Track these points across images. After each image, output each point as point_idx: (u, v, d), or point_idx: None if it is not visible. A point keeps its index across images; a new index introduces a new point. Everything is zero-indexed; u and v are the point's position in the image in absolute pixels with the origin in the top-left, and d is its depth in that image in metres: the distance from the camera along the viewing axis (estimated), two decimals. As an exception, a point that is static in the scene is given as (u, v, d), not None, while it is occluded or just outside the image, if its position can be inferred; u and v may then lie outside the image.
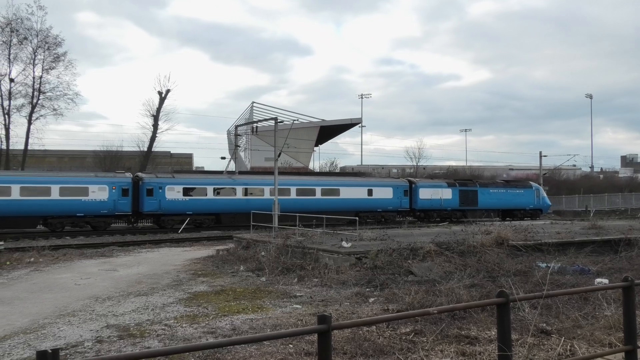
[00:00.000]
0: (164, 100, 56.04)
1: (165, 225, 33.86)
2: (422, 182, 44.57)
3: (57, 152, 67.24)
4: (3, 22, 46.41)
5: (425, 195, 42.74)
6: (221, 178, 38.57)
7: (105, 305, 11.74)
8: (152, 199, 33.20)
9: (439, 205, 43.08)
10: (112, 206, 32.14)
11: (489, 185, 47.99)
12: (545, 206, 49.70)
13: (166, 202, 33.57)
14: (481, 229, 20.45)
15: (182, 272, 16.80)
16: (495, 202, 46.02)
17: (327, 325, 3.58)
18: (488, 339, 8.24)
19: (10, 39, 47.07)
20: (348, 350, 7.74)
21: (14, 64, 47.85)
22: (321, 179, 42.47)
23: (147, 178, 34.09)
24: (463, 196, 44.35)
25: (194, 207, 34.62)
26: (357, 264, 15.52)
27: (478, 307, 9.32)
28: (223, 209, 35.59)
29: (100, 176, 34.15)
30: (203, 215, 35.08)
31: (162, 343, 8.69)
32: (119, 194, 32.40)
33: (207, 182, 35.95)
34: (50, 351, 2.69)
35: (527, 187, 48.99)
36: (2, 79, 47.23)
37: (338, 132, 77.21)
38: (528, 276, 13.43)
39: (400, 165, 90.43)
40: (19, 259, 19.31)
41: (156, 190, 33.33)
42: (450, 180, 47.71)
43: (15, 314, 11.01)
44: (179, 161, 76.91)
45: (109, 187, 32.17)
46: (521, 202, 47.34)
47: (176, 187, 34.05)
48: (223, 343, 5.26)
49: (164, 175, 36.66)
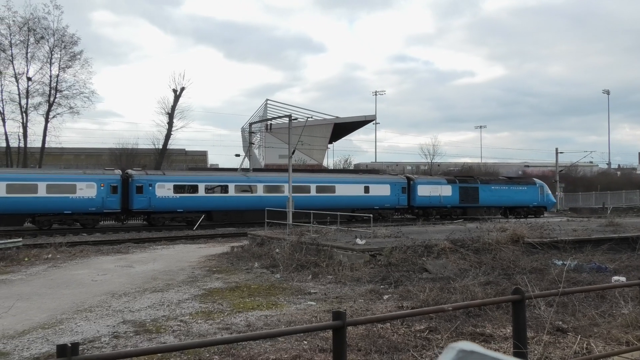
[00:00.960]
0: (179, 98, 56.34)
1: (155, 223, 33.37)
2: (420, 178, 43.76)
3: (73, 149, 67.92)
4: (20, 22, 46.99)
5: (423, 192, 41.78)
6: (212, 175, 38.32)
7: (122, 301, 11.86)
8: (142, 197, 32.72)
9: (438, 202, 42.14)
10: (100, 204, 31.65)
11: (491, 182, 46.77)
12: (549, 203, 48.58)
13: (156, 200, 33.03)
14: (496, 227, 20.32)
15: (197, 268, 16.91)
16: (497, 199, 44.95)
17: (342, 321, 3.60)
18: (503, 336, 8.20)
19: (28, 38, 47.64)
20: (362, 347, 7.75)
21: (31, 62, 48.48)
22: (315, 176, 41.63)
23: (136, 175, 33.60)
24: (463, 193, 43.35)
25: (185, 205, 34.14)
26: (372, 261, 15.52)
27: (493, 304, 9.28)
28: (215, 207, 35.12)
29: (88, 173, 33.59)
30: (194, 212, 34.46)
31: (178, 339, 8.76)
32: (108, 191, 31.93)
33: (198, 179, 35.54)
34: (70, 345, 2.74)
35: (531, 183, 47.98)
36: (20, 78, 47.84)
37: (352, 129, 77.14)
38: (544, 274, 13.34)
39: (414, 162, 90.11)
40: (37, 256, 19.55)
41: (146, 188, 32.84)
42: (450, 177, 46.70)
43: (34, 309, 11.17)
44: (194, 159, 77.29)
45: (97, 184, 31.75)
46: (524, 199, 46.23)
47: (166, 185, 33.60)
48: (239, 338, 5.29)
49: (154, 172, 36.24)
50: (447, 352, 1.46)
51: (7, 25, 46.53)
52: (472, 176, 49.70)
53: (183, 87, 56.53)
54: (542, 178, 75.45)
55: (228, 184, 36.05)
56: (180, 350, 7.27)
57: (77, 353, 2.71)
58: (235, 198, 35.59)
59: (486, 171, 75.02)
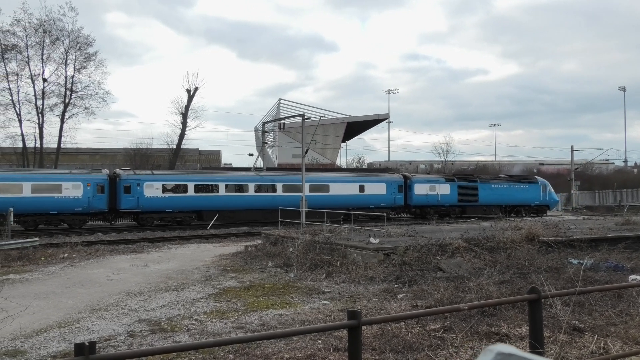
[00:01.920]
0: (193, 98, 56.64)
1: (144, 223, 33.01)
2: (417, 177, 43.03)
3: (89, 150, 68.58)
4: (36, 24, 47.51)
5: (420, 191, 41.04)
6: (202, 174, 37.83)
7: (137, 300, 11.95)
8: (130, 196, 32.31)
9: (436, 201, 41.37)
10: (86, 203, 31.25)
11: (491, 180, 45.85)
12: (552, 202, 47.71)
13: (144, 200, 32.66)
14: (511, 225, 20.17)
15: (212, 267, 16.98)
16: (498, 198, 44.12)
17: (357, 320, 3.59)
18: (519, 336, 8.15)
19: (43, 40, 48.16)
20: (377, 347, 7.74)
21: (47, 64, 49.03)
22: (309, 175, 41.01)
23: (124, 175, 33.19)
24: (462, 192, 42.60)
25: (174, 205, 33.72)
26: (385, 260, 15.48)
27: (509, 303, 9.22)
28: (205, 207, 34.66)
29: (75, 173, 33.34)
30: (184, 212, 34.17)
31: (193, 337, 8.80)
32: (94, 191, 31.56)
33: (187, 178, 35.08)
34: (87, 344, 2.76)
35: (533, 182, 46.95)
36: (35, 79, 48.39)
37: (365, 128, 76.99)
38: (559, 273, 13.22)
39: (428, 161, 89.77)
40: (53, 255, 19.75)
41: (134, 187, 32.48)
42: (449, 175, 45.97)
43: (51, 308, 11.29)
44: (208, 158, 77.63)
45: (84, 184, 31.38)
46: (526, 197, 45.38)
47: (155, 184, 33.21)
48: (254, 337, 5.30)
49: (142, 171, 35.79)
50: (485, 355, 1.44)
51: (23, 27, 47.14)
52: (472, 174, 48.84)
53: (196, 87, 56.87)
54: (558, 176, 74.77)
55: (218, 183, 35.58)
56: (196, 349, 7.31)
57: (94, 352, 2.74)
58: (226, 198, 35.11)
59: (500, 169, 74.49)
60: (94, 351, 2.77)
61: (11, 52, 47.30)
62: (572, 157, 60.02)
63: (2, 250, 19.60)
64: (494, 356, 1.43)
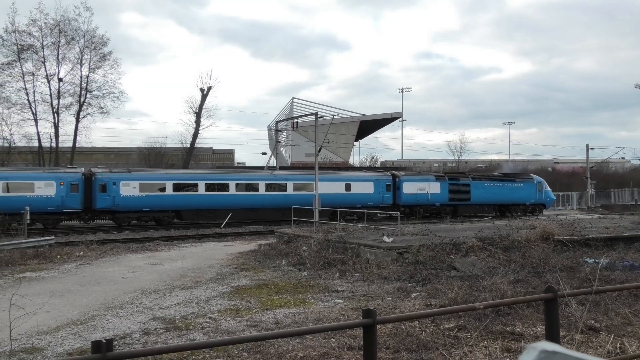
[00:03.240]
0: (206, 97, 56.86)
1: (120, 223, 32.43)
2: (406, 175, 41.97)
3: (103, 149, 69.20)
4: (52, 24, 47.99)
5: (410, 189, 40.04)
6: (182, 173, 37.24)
7: (152, 298, 12.03)
8: (105, 195, 31.67)
9: (426, 200, 40.42)
10: (59, 203, 30.53)
11: (483, 178, 44.71)
12: (548, 201, 46.55)
13: (120, 199, 31.95)
14: (525, 224, 20.05)
15: (225, 266, 17.06)
16: (491, 197, 43.05)
17: (372, 319, 3.59)
18: (534, 335, 8.09)
19: (59, 40, 48.65)
20: (391, 345, 7.72)
21: (62, 64, 49.52)
22: (292, 173, 40.11)
23: (100, 173, 32.61)
24: (453, 190, 41.57)
25: (152, 204, 32.99)
26: (399, 259, 15.45)
27: (525, 302, 9.15)
28: (184, 206, 34.07)
29: (48, 171, 32.81)
30: (161, 212, 33.53)
31: (207, 336, 8.84)
32: (67, 189, 30.90)
33: (165, 177, 34.46)
34: (105, 341, 2.79)
35: (528, 180, 45.89)
36: (51, 79, 48.90)
37: (378, 126, 76.84)
38: (575, 272, 13.10)
39: (441, 160, 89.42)
40: (69, 253, 19.95)
41: (110, 186, 31.86)
42: (439, 174, 44.97)
43: (67, 306, 11.40)
44: (221, 157, 77.92)
45: (57, 182, 30.74)
46: (520, 196, 44.28)
47: (132, 183, 32.51)
48: (269, 336, 5.32)
49: (119, 170, 35.07)
50: (529, 353, 1.42)
51: (39, 27, 47.64)
52: (464, 173, 47.70)
53: (210, 86, 57.04)
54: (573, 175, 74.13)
55: (198, 182, 34.86)
56: (210, 347, 7.35)
57: (111, 349, 2.76)
58: (206, 197, 34.42)
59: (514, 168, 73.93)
60: (111, 349, 2.80)
61: (27, 52, 47.85)
62: (587, 156, 59.46)
63: (18, 248, 19.84)
64: (537, 354, 1.41)
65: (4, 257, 17.92)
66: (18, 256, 18.30)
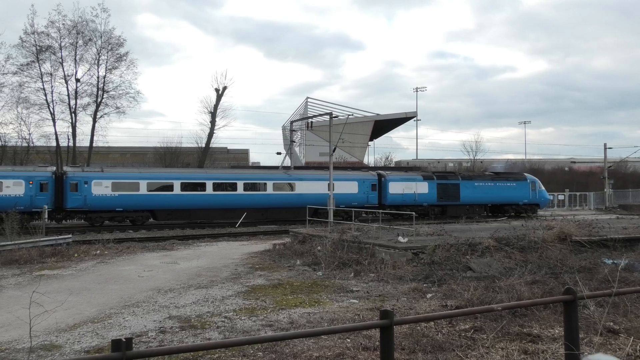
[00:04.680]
0: (221, 97, 57.11)
1: (92, 223, 31.75)
2: (392, 175, 40.73)
3: (120, 148, 69.80)
4: (70, 25, 48.50)
5: (396, 189, 38.97)
6: (155, 172, 36.52)
7: (167, 297, 12.11)
8: (77, 195, 30.93)
9: (413, 200, 39.19)
10: (28, 202, 29.61)
11: (474, 177, 43.48)
12: (542, 201, 45.04)
13: (92, 198, 31.20)
14: (542, 224, 19.85)
15: (240, 265, 17.11)
16: (481, 197, 41.81)
17: (389, 320, 3.57)
18: (551, 337, 8.01)
19: (77, 41, 49.14)
20: (406, 346, 7.69)
21: (80, 64, 50.02)
22: (271, 173, 39.16)
23: (71, 172, 31.99)
24: (442, 190, 40.38)
25: (125, 203, 32.13)
26: (414, 259, 15.38)
27: (544, 304, 9.06)
28: (159, 205, 33.20)
29: (17, 170, 32.12)
30: (135, 212, 32.78)
31: (223, 335, 8.87)
32: (37, 189, 30.17)
33: (139, 176, 33.51)
34: (124, 340, 2.80)
35: (521, 179, 44.51)
36: (69, 80, 49.42)
37: (392, 126, 76.65)
38: (593, 273, 12.97)
39: (456, 159, 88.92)
40: (86, 252, 20.14)
41: (81, 185, 31.13)
42: (427, 173, 43.63)
43: (84, 304, 11.51)
44: (236, 157, 78.25)
45: (26, 181, 30.00)
46: (513, 196, 42.96)
47: (104, 182, 31.75)
48: (286, 336, 5.32)
49: (91, 169, 34.47)
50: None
51: (57, 28, 48.17)
52: (453, 172, 46.51)
53: (225, 86, 57.30)
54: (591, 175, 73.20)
55: (173, 181, 33.95)
56: (226, 347, 7.37)
57: (130, 348, 2.78)
58: (182, 196, 33.69)
59: (531, 167, 73.31)
60: (130, 347, 2.81)
61: (46, 53, 48.41)
62: (605, 155, 58.72)
63: (37, 246, 20.08)
64: None
65: (23, 255, 18.14)
66: (36, 254, 18.51)
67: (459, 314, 6.67)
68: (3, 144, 49.00)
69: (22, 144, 50.40)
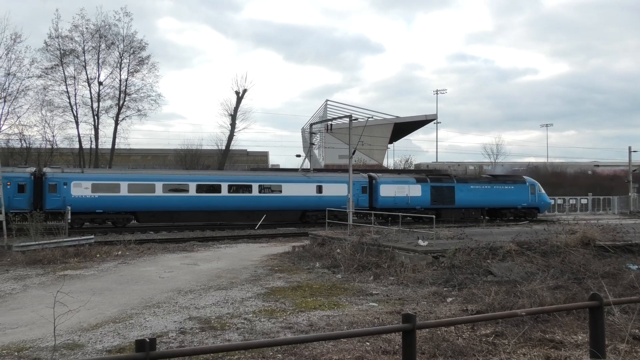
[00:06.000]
0: (241, 99, 57.35)
1: (72, 225, 30.18)
2: (384, 177, 39.82)
3: (141, 150, 70.43)
4: (93, 29, 49.18)
5: (387, 192, 37.98)
6: (136, 174, 36.13)
7: (188, 298, 12.19)
8: (56, 196, 30.47)
9: (405, 203, 38.02)
10: (6, 203, 27.93)
11: (469, 180, 42.27)
12: (542, 204, 43.59)
13: (72, 200, 30.55)
14: (565, 229, 19.59)
15: (260, 267, 17.16)
16: (478, 200, 40.53)
17: (412, 324, 3.55)
18: (574, 343, 7.89)
19: (99, 44, 49.81)
20: (426, 350, 7.63)
21: (102, 68, 50.67)
22: (259, 174, 38.74)
23: (50, 173, 31.49)
24: (436, 193, 39.30)
25: (105, 205, 31.60)
26: (434, 262, 15.28)
27: (568, 309, 8.92)
28: (140, 207, 32.67)
29: None
30: (116, 213, 32.27)
31: (242, 336, 8.90)
32: (15, 190, 29.57)
33: (119, 177, 33.02)
34: (148, 340, 2.82)
35: (520, 182, 43.00)
36: (92, 83, 50.11)
37: (412, 129, 76.38)
38: (617, 279, 12.75)
39: (477, 162, 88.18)
40: (107, 252, 20.39)
41: (60, 187, 30.72)
42: (421, 175, 42.10)
43: (106, 304, 11.64)
44: (255, 159, 78.55)
45: (3, 183, 28.41)
46: (511, 199, 41.62)
47: (84, 183, 31.28)
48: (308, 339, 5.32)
49: (70, 170, 34.09)
50: None
51: (80, 32, 48.89)
52: (448, 174, 44.87)
53: (245, 88, 57.52)
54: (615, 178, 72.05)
55: (155, 182, 33.21)
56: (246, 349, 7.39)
57: (154, 348, 2.80)
58: (163, 198, 32.94)
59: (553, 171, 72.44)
60: (154, 347, 2.83)
61: (69, 56, 49.16)
62: (629, 158, 57.77)
63: (60, 247, 20.39)
64: None
65: (46, 255, 18.42)
66: (60, 254, 18.79)
67: (481, 319, 6.60)
68: (28, 146, 49.80)
69: (46, 146, 51.19)
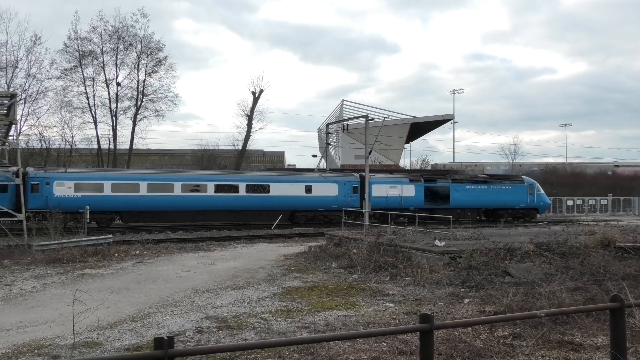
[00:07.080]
0: (258, 100, 57.57)
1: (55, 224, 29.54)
2: (376, 177, 38.59)
3: (158, 151, 71.00)
4: (111, 31, 49.75)
5: (379, 192, 37.04)
6: (120, 173, 35.96)
7: (205, 297, 12.26)
8: (38, 196, 30.11)
9: (398, 203, 37.09)
10: None
11: (465, 180, 41.15)
12: (541, 205, 42.54)
13: (54, 199, 29.94)
14: (584, 230, 19.35)
15: (276, 267, 17.20)
16: (474, 200, 39.62)
17: (430, 324, 3.53)
18: (594, 346, 7.79)
19: (117, 46, 50.35)
20: (443, 352, 7.58)
21: (120, 69, 51.27)
22: (246, 174, 38.21)
23: (32, 172, 31.07)
24: (430, 193, 38.48)
25: (88, 205, 30.60)
26: (451, 263, 15.19)
27: (588, 311, 8.82)
28: (124, 207, 32.29)
29: None
30: (100, 213, 31.62)
31: (259, 335, 8.92)
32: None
33: (103, 177, 32.67)
34: (167, 338, 2.84)
35: (518, 182, 41.94)
36: (110, 84, 50.68)
37: (429, 129, 75.94)
38: (638, 281, 12.56)
39: (494, 162, 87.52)
40: (125, 252, 20.57)
41: (42, 186, 30.37)
42: (414, 175, 41.12)
43: (124, 303, 11.75)
44: (272, 159, 78.73)
45: None
46: (509, 200, 40.56)
47: (66, 183, 30.88)
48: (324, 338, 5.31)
49: (53, 169, 33.66)
50: None
51: (99, 34, 49.50)
52: (443, 174, 43.67)
53: (262, 89, 57.74)
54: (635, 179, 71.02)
55: (139, 182, 32.85)
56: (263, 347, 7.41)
57: (172, 346, 2.82)
58: (148, 198, 32.54)
59: (572, 171, 71.66)
60: (172, 346, 2.85)
61: (88, 58, 49.82)
62: (650, 159, 56.86)
63: (79, 246, 20.63)
64: None
65: (65, 254, 18.64)
66: (78, 253, 19.01)
67: (500, 320, 6.54)
68: (47, 146, 50.49)
69: (65, 146, 51.89)
